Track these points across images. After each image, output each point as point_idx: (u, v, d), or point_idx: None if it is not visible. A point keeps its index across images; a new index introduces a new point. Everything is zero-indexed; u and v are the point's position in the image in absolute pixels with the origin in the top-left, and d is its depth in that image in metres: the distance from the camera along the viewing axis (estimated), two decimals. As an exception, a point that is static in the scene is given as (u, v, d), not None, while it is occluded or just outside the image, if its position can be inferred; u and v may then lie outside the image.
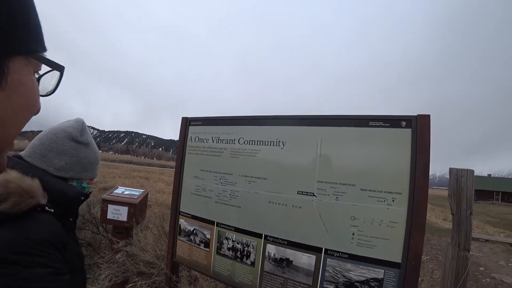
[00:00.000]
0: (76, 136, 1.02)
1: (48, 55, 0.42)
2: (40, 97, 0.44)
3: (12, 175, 0.74)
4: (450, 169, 2.00)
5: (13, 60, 0.34)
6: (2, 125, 0.34)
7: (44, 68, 0.43)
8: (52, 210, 0.82)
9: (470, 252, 1.87)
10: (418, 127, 1.32)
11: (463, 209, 1.90)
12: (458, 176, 1.95)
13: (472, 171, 1.92)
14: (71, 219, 0.97)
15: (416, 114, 1.35)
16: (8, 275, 0.59)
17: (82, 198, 0.97)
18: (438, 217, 14.47)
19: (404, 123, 1.36)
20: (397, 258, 1.31)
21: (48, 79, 0.45)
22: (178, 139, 2.16)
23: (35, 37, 0.36)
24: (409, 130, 1.34)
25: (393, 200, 1.33)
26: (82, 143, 1.04)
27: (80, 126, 1.05)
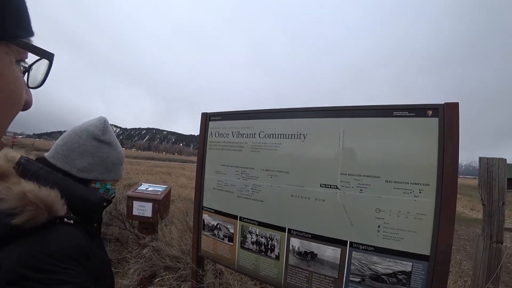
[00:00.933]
0: (98, 135, 0.99)
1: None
2: (32, 90, 0.41)
3: (29, 186, 0.72)
4: (480, 158, 1.92)
5: None
6: None
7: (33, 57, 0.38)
8: (72, 221, 0.79)
9: (504, 244, 1.79)
10: (446, 115, 1.27)
11: (494, 200, 1.82)
12: (489, 166, 1.87)
13: (505, 160, 1.84)
14: (95, 225, 0.95)
15: (443, 102, 1.29)
16: None
17: (104, 204, 0.94)
18: (465, 206, 13.93)
19: (430, 112, 1.31)
20: (426, 251, 1.27)
21: (38, 70, 0.40)
22: (197, 134, 2.18)
23: (17, 20, 0.31)
24: (436, 119, 1.29)
25: (420, 192, 1.29)
26: (105, 142, 1.01)
27: (102, 124, 1.02)
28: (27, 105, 0.37)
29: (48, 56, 0.38)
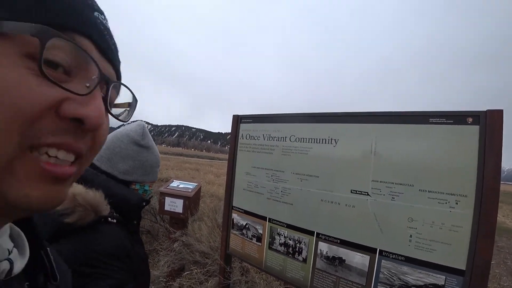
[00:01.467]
0: (138, 140, 1.07)
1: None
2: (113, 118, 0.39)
3: (78, 189, 0.79)
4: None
5: None
6: None
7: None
8: (115, 221, 0.87)
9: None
10: (488, 123, 1.21)
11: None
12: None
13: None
14: (134, 222, 1.04)
15: (485, 110, 1.23)
16: (76, 287, 0.64)
17: (144, 204, 1.02)
18: (506, 216, 12.81)
19: (470, 120, 1.25)
20: (461, 265, 1.23)
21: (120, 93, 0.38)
22: (225, 132, 2.23)
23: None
24: (476, 127, 1.23)
25: (456, 203, 1.25)
26: (144, 146, 1.09)
27: (141, 130, 1.10)
28: (71, 115, 0.29)
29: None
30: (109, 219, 0.85)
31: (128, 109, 0.42)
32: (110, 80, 0.35)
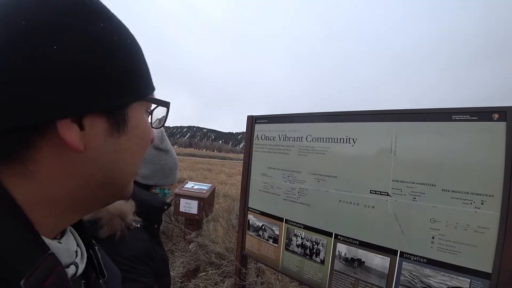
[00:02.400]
0: (157, 144, 1.09)
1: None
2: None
3: None
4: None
5: (131, 106, 0.38)
6: (126, 165, 0.39)
7: None
8: (139, 225, 0.90)
9: None
10: (516, 120, 1.17)
11: None
12: None
13: None
14: (156, 226, 1.06)
15: (512, 105, 1.19)
16: None
17: (165, 207, 1.05)
18: None
19: (496, 116, 1.20)
20: (487, 268, 1.18)
21: (157, 112, 0.49)
22: (236, 132, 2.25)
23: (146, 82, 0.40)
24: (503, 124, 1.18)
25: (482, 203, 1.21)
26: (163, 150, 1.11)
27: (160, 134, 1.12)
28: (152, 141, 0.46)
29: (166, 104, 0.48)
30: (134, 223, 0.88)
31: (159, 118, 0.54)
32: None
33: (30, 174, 0.30)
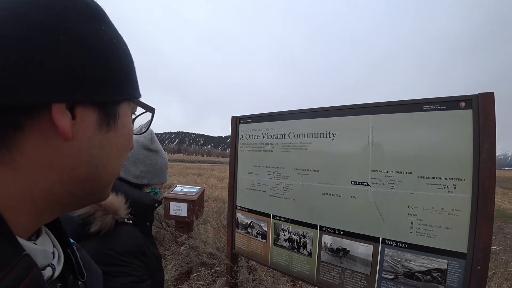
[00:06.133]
0: (148, 145, 1.12)
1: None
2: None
3: None
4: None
5: (121, 105, 0.40)
6: (109, 162, 0.39)
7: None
8: (131, 222, 0.92)
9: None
10: (480, 107, 1.23)
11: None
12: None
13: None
14: (148, 224, 1.08)
15: (477, 93, 1.26)
16: None
17: (156, 205, 1.07)
18: None
19: (463, 104, 1.27)
20: (463, 248, 1.25)
21: (140, 119, 0.51)
22: (225, 135, 2.27)
23: (135, 86, 0.42)
24: (469, 111, 1.25)
25: (454, 187, 1.27)
26: (153, 150, 1.14)
27: (150, 135, 1.15)
28: (131, 148, 0.46)
29: (151, 110, 0.50)
30: (126, 220, 0.90)
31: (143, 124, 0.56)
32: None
33: (13, 163, 0.30)
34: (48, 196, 0.33)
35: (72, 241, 0.48)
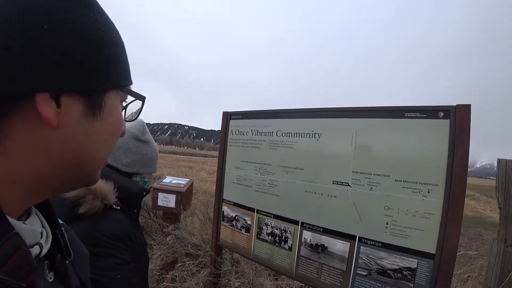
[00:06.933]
0: (138, 136, 1.16)
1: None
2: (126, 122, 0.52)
3: None
4: (499, 160, 1.91)
5: (108, 94, 0.40)
6: (96, 149, 0.40)
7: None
8: (119, 208, 0.97)
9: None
10: (457, 117, 1.30)
11: (511, 204, 1.81)
12: (508, 168, 1.86)
13: (524, 163, 1.82)
14: (135, 211, 1.13)
15: (455, 104, 1.32)
16: None
17: (144, 193, 1.13)
18: (494, 210, 13.04)
19: (442, 114, 1.34)
20: (432, 249, 1.32)
21: (132, 106, 0.52)
22: (218, 130, 2.32)
23: (125, 73, 0.42)
24: (447, 121, 1.32)
25: (428, 192, 1.34)
26: (144, 141, 1.18)
27: (141, 126, 1.19)
28: (123, 134, 0.48)
29: (141, 98, 0.51)
30: (114, 206, 0.95)
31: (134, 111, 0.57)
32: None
33: (2, 148, 0.31)
34: (37, 179, 0.35)
35: (61, 222, 0.50)
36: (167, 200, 3.55)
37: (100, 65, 0.36)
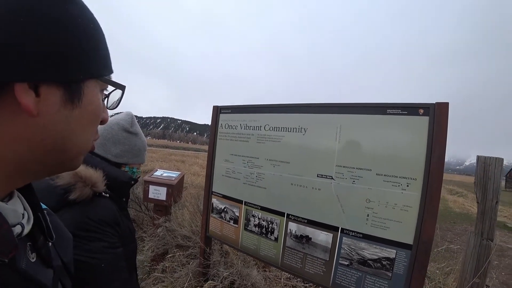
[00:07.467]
0: (128, 128, 1.20)
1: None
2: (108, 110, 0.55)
3: (80, 167, 0.94)
4: (478, 157, 1.98)
5: (87, 83, 0.41)
6: (76, 136, 0.41)
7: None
8: (108, 195, 1.02)
9: (493, 242, 1.87)
10: (436, 115, 1.35)
11: (489, 199, 1.89)
12: (486, 165, 1.93)
13: (501, 160, 1.89)
14: (124, 199, 1.18)
15: (434, 102, 1.38)
16: (75, 246, 0.71)
17: (132, 182, 1.17)
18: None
19: (421, 111, 1.40)
20: (409, 240, 1.39)
21: (113, 94, 0.54)
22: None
23: (105, 64, 0.43)
24: (426, 118, 1.38)
25: (407, 185, 1.41)
26: (133, 133, 1.22)
27: (130, 118, 1.23)
28: (104, 121, 0.50)
29: (121, 87, 0.53)
30: (103, 194, 0.99)
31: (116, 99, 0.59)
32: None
33: None
34: (18, 164, 0.36)
35: (44, 206, 0.52)
36: (158, 193, 3.58)
37: (77, 55, 0.37)
